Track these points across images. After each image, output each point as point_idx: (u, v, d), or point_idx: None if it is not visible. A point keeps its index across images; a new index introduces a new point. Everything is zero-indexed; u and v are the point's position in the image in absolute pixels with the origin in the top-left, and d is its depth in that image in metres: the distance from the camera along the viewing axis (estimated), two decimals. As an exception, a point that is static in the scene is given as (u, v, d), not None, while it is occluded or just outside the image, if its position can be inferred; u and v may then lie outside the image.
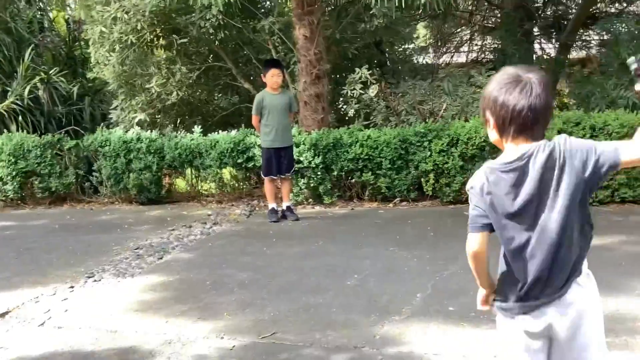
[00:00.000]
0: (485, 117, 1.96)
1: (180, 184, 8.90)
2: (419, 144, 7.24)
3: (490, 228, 1.97)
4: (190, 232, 6.54)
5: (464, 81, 8.80)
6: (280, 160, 6.84)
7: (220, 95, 11.19)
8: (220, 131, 8.49)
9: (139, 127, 9.10)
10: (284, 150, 6.85)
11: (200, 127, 8.52)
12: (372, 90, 8.33)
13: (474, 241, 2.01)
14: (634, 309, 3.72)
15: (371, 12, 8.78)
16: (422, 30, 15.16)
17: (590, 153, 1.84)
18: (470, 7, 12.91)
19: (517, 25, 10.37)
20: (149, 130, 8.74)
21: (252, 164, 7.91)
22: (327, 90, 8.25)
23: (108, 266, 5.29)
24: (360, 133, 7.53)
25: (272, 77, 6.71)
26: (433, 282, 4.47)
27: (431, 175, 7.15)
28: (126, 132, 8.66)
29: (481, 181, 1.95)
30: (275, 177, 6.94)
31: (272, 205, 6.96)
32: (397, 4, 7.14)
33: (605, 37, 10.32)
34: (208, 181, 8.39)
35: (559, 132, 6.71)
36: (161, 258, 5.54)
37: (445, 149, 7.09)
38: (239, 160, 7.93)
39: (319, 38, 7.93)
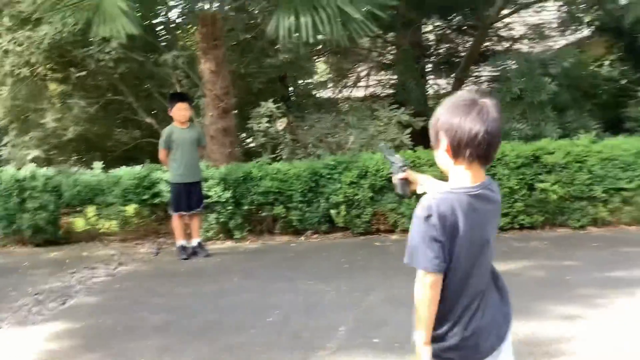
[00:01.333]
0: (438, 138, 1.90)
1: (79, 223, 8.41)
2: (329, 176, 7.31)
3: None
4: (93, 274, 6.16)
5: (367, 115, 9.04)
6: (189, 196, 6.65)
7: (121, 129, 10.82)
8: (123, 167, 8.16)
9: (34, 164, 8.56)
10: (194, 185, 6.68)
11: (101, 162, 8.15)
12: (280, 124, 8.35)
13: (436, 283, 1.84)
14: (549, 332, 3.89)
15: (276, 47, 8.89)
16: (321, 66, 15.52)
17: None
18: (367, 45, 13.35)
19: (414, 61, 10.84)
20: (45, 167, 8.23)
21: (159, 200, 7.64)
22: (234, 124, 8.17)
23: (5, 314, 4.86)
24: (270, 167, 7.50)
25: (180, 110, 6.56)
26: (354, 314, 4.46)
27: (342, 207, 7.22)
28: (19, 169, 8.10)
29: (444, 208, 1.82)
30: (184, 213, 6.73)
31: (181, 242, 6.74)
32: (302, 40, 7.25)
33: (495, 73, 11.02)
34: (111, 219, 7.98)
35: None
36: (64, 303, 5.16)
37: (355, 180, 7.19)
38: (145, 197, 7.64)
39: (225, 72, 7.88)
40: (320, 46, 11.11)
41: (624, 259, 5.64)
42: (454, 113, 1.85)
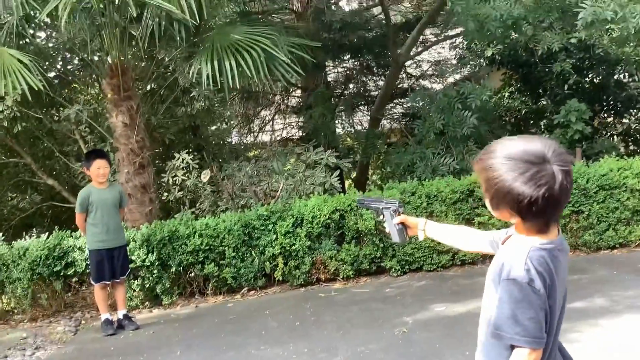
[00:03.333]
0: (507, 210, 1.60)
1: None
2: (262, 227, 6.87)
3: None
4: (7, 364, 5.33)
5: (292, 159, 8.74)
6: (113, 263, 5.97)
7: (16, 195, 9.83)
8: (27, 237, 7.30)
9: None
10: (117, 250, 6.01)
11: None
12: (204, 176, 7.83)
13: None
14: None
15: (191, 95, 8.44)
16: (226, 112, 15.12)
17: None
18: (276, 90, 13.17)
19: (330, 102, 10.75)
20: None
21: (72, 270, 6.85)
22: (152, 179, 7.56)
23: None
24: (198, 222, 6.95)
25: (99, 169, 5.89)
26: (326, 381, 4.04)
27: (279, 259, 6.79)
28: None
29: (543, 268, 1.55)
30: (107, 283, 6.04)
31: (105, 315, 6.01)
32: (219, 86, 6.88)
33: (407, 111, 11.17)
34: (18, 297, 7.05)
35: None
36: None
37: (290, 230, 6.81)
38: (57, 268, 6.81)
39: (140, 124, 7.31)
40: (234, 92, 10.78)
41: (575, 288, 5.60)
42: (524, 185, 1.53)
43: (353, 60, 12.07)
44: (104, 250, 5.90)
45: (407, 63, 12.00)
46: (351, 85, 12.74)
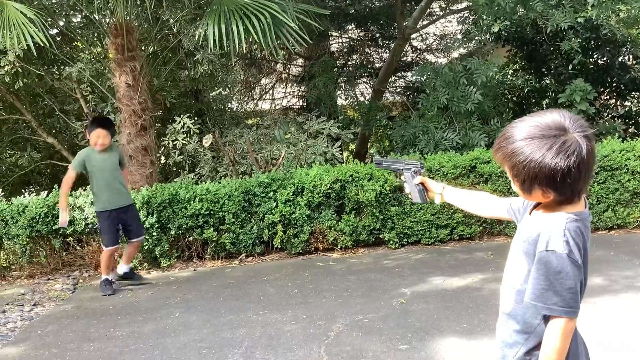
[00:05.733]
0: (539, 189, 1.59)
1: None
2: (263, 194, 6.87)
3: None
4: (6, 318, 5.35)
5: (292, 128, 8.71)
6: (126, 223, 5.99)
7: (15, 152, 9.78)
8: (26, 193, 7.28)
9: None
10: (125, 210, 5.96)
11: (-1, 190, 7.24)
12: (206, 141, 7.79)
13: (572, 330, 1.58)
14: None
15: (195, 58, 8.35)
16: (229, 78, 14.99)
17: None
18: (278, 58, 13.04)
19: (334, 72, 10.66)
20: None
21: (72, 229, 6.85)
22: (154, 141, 7.52)
23: None
24: (199, 187, 6.94)
25: (98, 138, 5.71)
26: (325, 347, 4.08)
27: (279, 227, 6.81)
28: None
29: (580, 240, 1.58)
30: (118, 246, 6.05)
31: (106, 276, 6.04)
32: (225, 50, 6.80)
33: (410, 84, 11.08)
34: (16, 253, 7.07)
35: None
36: (-24, 360, 4.39)
37: (291, 198, 6.81)
38: (56, 226, 6.81)
39: (143, 86, 7.23)
40: (237, 58, 10.67)
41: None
42: (554, 159, 1.52)
43: (358, 30, 11.93)
44: (113, 211, 5.86)
45: (413, 36, 11.88)
46: (355, 56, 12.62)
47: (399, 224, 6.90)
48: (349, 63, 12.64)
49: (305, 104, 12.74)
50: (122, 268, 6.18)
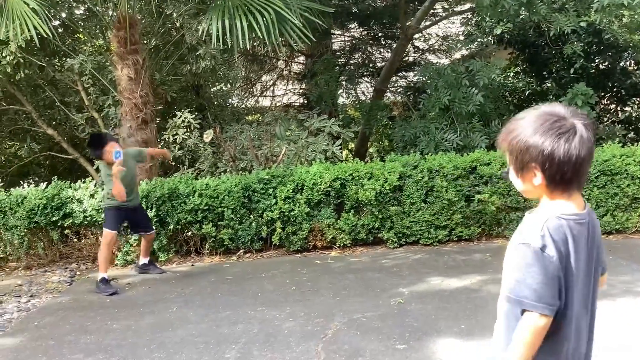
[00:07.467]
0: (530, 168, 1.60)
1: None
2: (263, 191, 6.87)
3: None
4: (3, 309, 5.35)
5: (293, 125, 8.70)
6: (136, 218, 6.14)
7: (15, 143, 9.76)
8: (25, 184, 7.27)
9: None
10: (134, 209, 6.09)
11: (-2, 180, 7.22)
12: (207, 136, 7.78)
13: (546, 327, 1.55)
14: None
15: (197, 53, 8.34)
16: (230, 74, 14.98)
17: None
18: (280, 55, 13.04)
19: (335, 70, 10.65)
20: None
21: (70, 221, 6.85)
22: (154, 135, 7.51)
23: None
24: (198, 182, 6.93)
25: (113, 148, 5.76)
26: (322, 345, 4.08)
27: (278, 224, 6.80)
28: None
29: (559, 237, 1.55)
30: (117, 235, 6.09)
31: (103, 274, 5.82)
32: (228, 46, 6.79)
33: (411, 84, 11.06)
34: (13, 244, 7.04)
35: (400, 176, 6.91)
36: (-28, 350, 4.37)
37: (290, 195, 6.81)
38: (54, 218, 6.81)
39: (145, 79, 7.22)
40: (239, 54, 10.66)
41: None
42: (555, 140, 1.55)
43: (361, 29, 11.91)
44: (129, 210, 5.98)
45: (415, 36, 11.87)
46: (356, 55, 12.61)
47: (398, 224, 6.90)
48: (351, 62, 12.63)
49: (305, 101, 12.74)
50: (142, 260, 6.34)
